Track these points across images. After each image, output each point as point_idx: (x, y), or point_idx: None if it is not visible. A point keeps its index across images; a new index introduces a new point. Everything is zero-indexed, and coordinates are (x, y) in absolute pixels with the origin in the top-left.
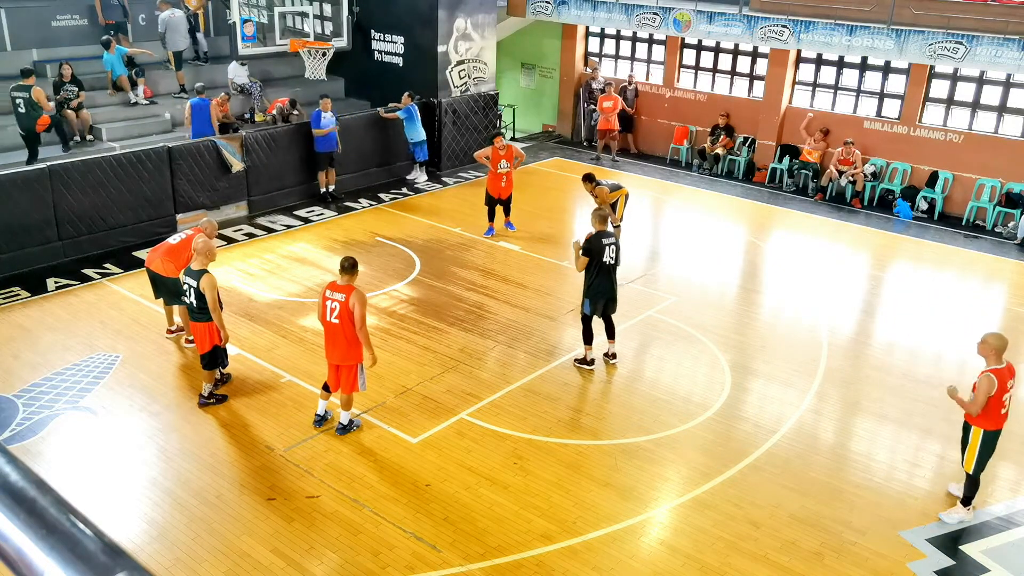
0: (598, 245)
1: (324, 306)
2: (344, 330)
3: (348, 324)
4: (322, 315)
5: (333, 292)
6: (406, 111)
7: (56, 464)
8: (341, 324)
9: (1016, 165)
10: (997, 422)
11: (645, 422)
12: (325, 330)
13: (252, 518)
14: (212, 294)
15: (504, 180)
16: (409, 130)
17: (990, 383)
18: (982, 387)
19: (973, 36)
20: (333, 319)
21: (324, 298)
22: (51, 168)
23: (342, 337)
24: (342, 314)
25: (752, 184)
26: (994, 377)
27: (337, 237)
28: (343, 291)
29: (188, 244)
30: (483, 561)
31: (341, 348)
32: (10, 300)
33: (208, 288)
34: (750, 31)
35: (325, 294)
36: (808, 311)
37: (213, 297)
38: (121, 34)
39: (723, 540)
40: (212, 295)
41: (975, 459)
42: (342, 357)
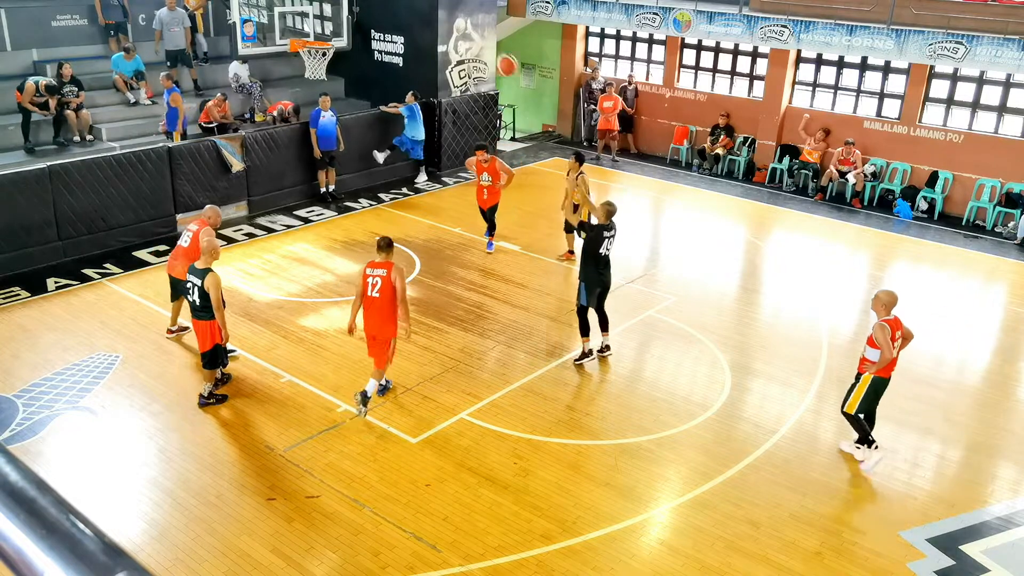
0: (597, 236)
1: (365, 282)
2: (384, 304)
3: (388, 298)
4: (363, 291)
5: (374, 269)
6: (408, 109)
7: (56, 464)
8: (382, 298)
9: (1016, 165)
10: (887, 369)
11: (645, 422)
12: (365, 305)
13: (252, 518)
14: (216, 293)
15: (485, 193)
16: (410, 128)
17: (884, 330)
18: (881, 335)
19: (973, 36)
20: (375, 293)
21: (365, 275)
22: (51, 168)
23: (381, 310)
24: (384, 288)
25: (752, 184)
26: (887, 325)
27: (337, 237)
28: (383, 267)
29: (197, 239)
30: (483, 561)
31: (378, 321)
32: (10, 300)
33: (212, 287)
34: (750, 31)
35: (366, 271)
36: (808, 311)
37: (217, 296)
38: (121, 34)
39: (723, 540)
40: (216, 294)
41: (859, 401)
42: (379, 329)
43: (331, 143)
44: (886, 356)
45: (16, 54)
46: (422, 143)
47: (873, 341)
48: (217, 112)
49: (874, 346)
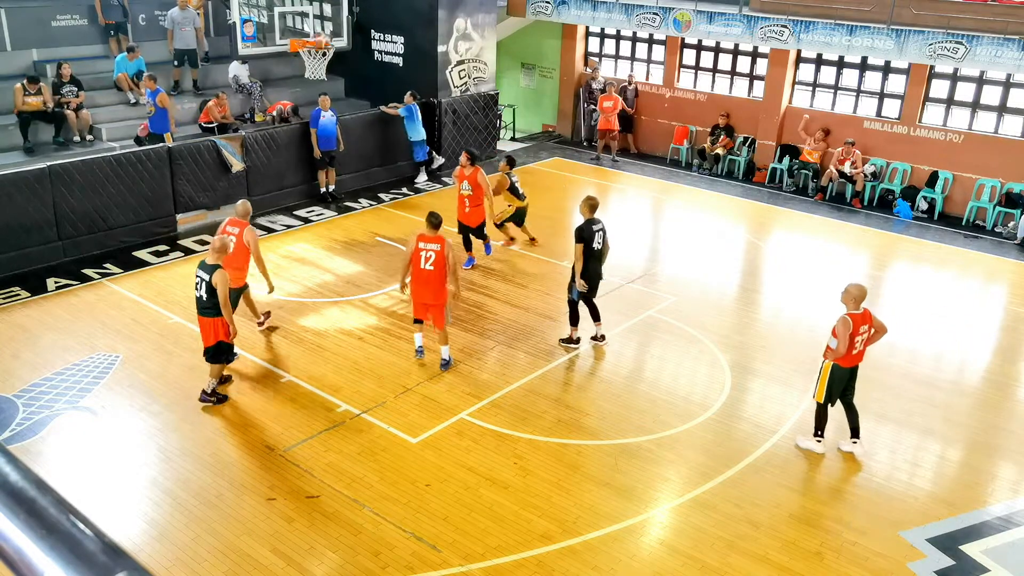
0: (588, 232)
1: (418, 256)
2: (437, 275)
3: (441, 270)
4: (416, 264)
5: (426, 243)
6: (407, 109)
7: (56, 464)
8: (436, 270)
9: (1016, 165)
10: (847, 360)
11: (645, 422)
12: (417, 276)
13: (252, 518)
14: (224, 289)
15: (467, 205)
16: (409, 129)
17: (845, 324)
18: (841, 328)
19: (973, 36)
20: (428, 266)
21: (417, 249)
22: (51, 168)
23: (435, 281)
24: (437, 261)
25: (752, 184)
26: (849, 319)
27: (337, 237)
28: (436, 241)
29: (241, 243)
30: (483, 561)
31: (433, 290)
32: (10, 300)
33: (220, 283)
34: (750, 31)
35: (418, 245)
36: (808, 311)
37: (224, 292)
38: (122, 34)
39: (723, 540)
40: (224, 290)
41: (824, 390)
42: (433, 297)
43: (331, 143)
44: (840, 349)
45: (16, 54)
46: (422, 143)
47: (834, 331)
48: (217, 112)
49: (834, 335)
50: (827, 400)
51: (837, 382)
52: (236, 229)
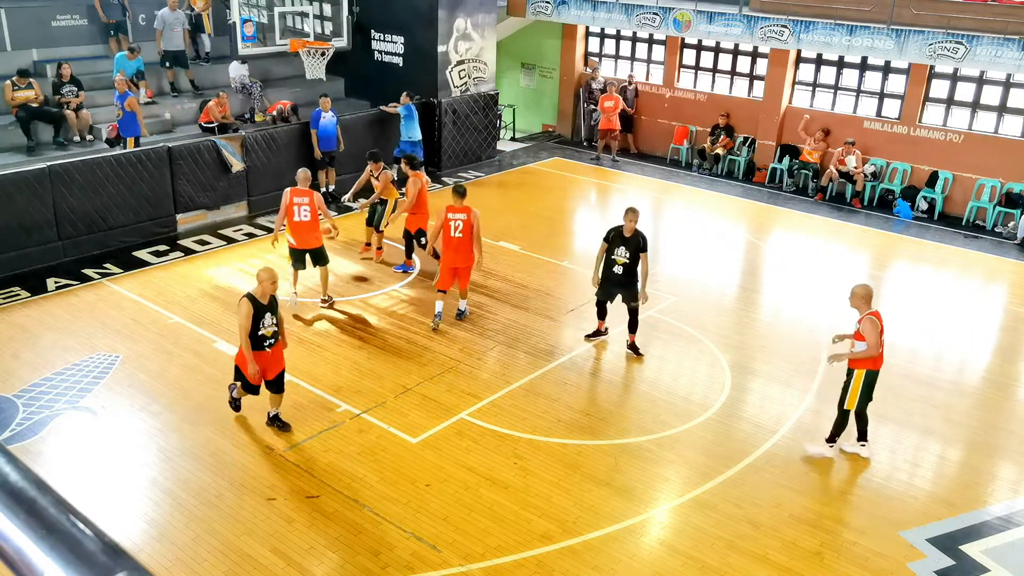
0: (610, 234)
1: (448, 225)
2: (465, 242)
3: (468, 236)
4: (446, 232)
5: (455, 213)
6: (406, 108)
7: (56, 464)
8: (464, 237)
9: (1016, 165)
10: (878, 362)
11: (645, 422)
12: (448, 244)
13: (252, 518)
14: (239, 319)
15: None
16: (407, 128)
17: (874, 324)
18: (870, 329)
19: (973, 36)
20: (457, 234)
21: (446, 219)
22: (51, 168)
23: (463, 247)
24: (464, 229)
25: (752, 184)
26: (876, 319)
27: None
28: (463, 211)
29: (315, 212)
30: (483, 561)
31: (463, 255)
32: (10, 300)
33: (237, 312)
34: (750, 31)
35: (447, 216)
36: (808, 311)
37: (239, 321)
38: (121, 34)
39: (723, 540)
40: (239, 320)
41: (858, 397)
42: (463, 261)
43: (331, 144)
44: (873, 351)
45: (16, 54)
46: (418, 144)
47: (862, 335)
48: (218, 112)
49: (861, 339)
50: (859, 408)
51: (871, 388)
52: (306, 198)
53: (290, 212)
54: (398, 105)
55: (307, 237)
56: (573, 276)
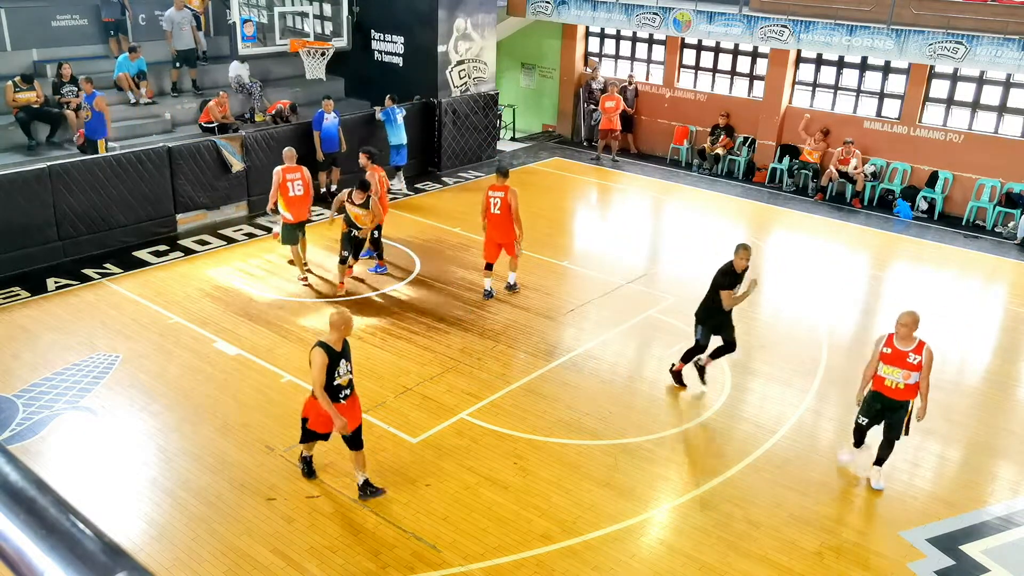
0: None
1: (488, 203)
2: (504, 218)
3: (507, 213)
4: (486, 209)
5: (494, 192)
6: (384, 113)
7: (56, 464)
8: (502, 214)
9: (1016, 165)
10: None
11: (645, 422)
12: (489, 221)
13: (252, 518)
14: (312, 370)
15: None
16: (389, 133)
17: (931, 355)
18: (929, 360)
19: (973, 36)
20: (496, 210)
21: (487, 197)
22: (51, 168)
23: (503, 223)
24: (503, 206)
25: (752, 184)
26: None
27: (337, 237)
28: (501, 190)
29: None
30: (483, 561)
31: (502, 231)
32: (10, 300)
33: (310, 360)
34: (750, 31)
35: (488, 194)
36: (808, 311)
37: (313, 371)
38: (121, 34)
39: (723, 540)
40: (313, 370)
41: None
42: (503, 237)
43: (334, 145)
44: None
45: (16, 54)
46: (400, 147)
47: (923, 366)
48: (218, 112)
49: (917, 369)
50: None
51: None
52: (298, 173)
53: (285, 188)
54: (379, 109)
55: (302, 210)
56: (573, 276)
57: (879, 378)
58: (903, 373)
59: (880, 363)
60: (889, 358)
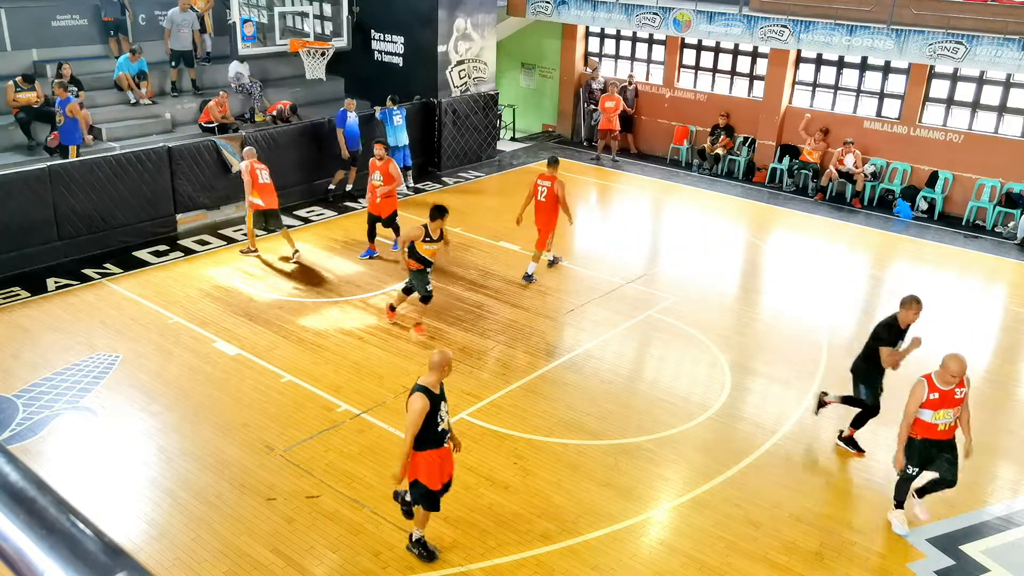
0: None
1: (536, 189)
2: (549, 206)
3: (552, 202)
4: (531, 196)
5: (543, 180)
6: (381, 114)
7: (56, 464)
8: (547, 202)
9: (1016, 165)
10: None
11: (645, 422)
12: (536, 207)
13: (252, 518)
14: (408, 415)
15: (376, 195)
16: (388, 134)
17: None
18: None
19: (973, 36)
20: (541, 198)
21: (536, 185)
22: (51, 168)
23: (547, 211)
24: (548, 195)
25: (752, 184)
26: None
27: (337, 237)
28: (549, 179)
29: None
30: (483, 561)
31: (544, 218)
32: (10, 300)
33: (408, 408)
34: (750, 31)
35: (536, 182)
36: (808, 311)
37: (407, 420)
38: (121, 34)
39: (723, 540)
40: (408, 416)
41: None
42: (543, 224)
43: (356, 143)
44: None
45: (16, 54)
46: (398, 149)
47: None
48: (218, 112)
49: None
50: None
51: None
52: (264, 165)
53: (255, 176)
54: (377, 110)
55: (272, 198)
56: (573, 276)
57: (930, 426)
58: (954, 411)
59: (928, 411)
60: (938, 403)
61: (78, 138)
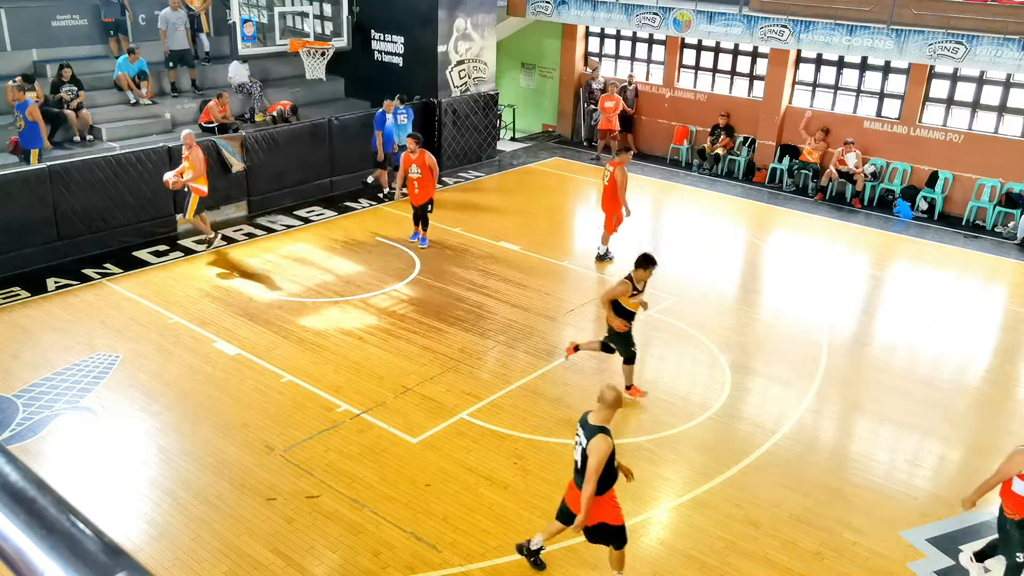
0: None
1: (604, 174)
2: (608, 190)
3: (612, 187)
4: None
5: (609, 165)
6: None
7: (56, 464)
8: (609, 185)
9: (1016, 165)
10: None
11: (645, 422)
12: (603, 191)
13: (252, 518)
14: (597, 459)
15: (416, 187)
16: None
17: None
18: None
19: (973, 36)
20: (605, 182)
21: (604, 170)
22: (51, 168)
23: (607, 195)
24: (609, 180)
25: (752, 184)
26: None
27: (337, 237)
28: (613, 165)
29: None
30: (483, 561)
31: (605, 202)
32: (10, 300)
33: (595, 451)
34: (750, 31)
35: (605, 166)
36: (808, 311)
37: (596, 463)
38: (121, 34)
39: (723, 540)
40: (597, 460)
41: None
42: (606, 208)
43: (392, 144)
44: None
45: (16, 54)
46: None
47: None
48: (218, 112)
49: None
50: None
51: None
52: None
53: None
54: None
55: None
56: (573, 276)
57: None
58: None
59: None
60: None
61: (39, 142)
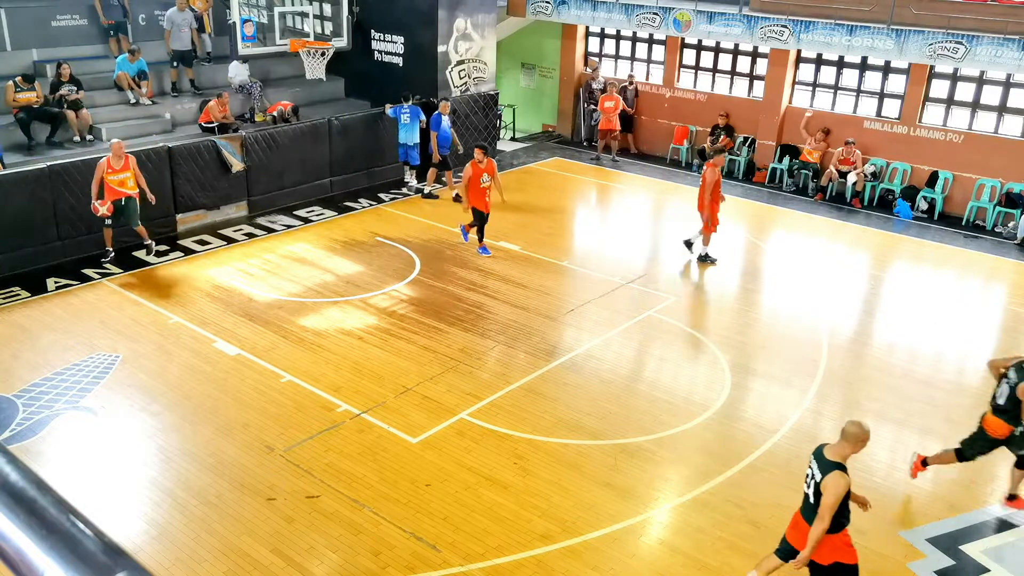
0: None
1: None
2: (701, 190)
3: (703, 188)
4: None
5: (707, 167)
6: (394, 112)
7: (56, 464)
8: (703, 186)
9: (1016, 165)
10: None
11: (645, 422)
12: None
13: (252, 518)
14: (831, 497)
15: (488, 195)
16: (400, 132)
17: None
18: None
19: (973, 36)
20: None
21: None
22: (51, 168)
23: (700, 196)
24: (702, 180)
25: (752, 184)
26: None
27: (337, 237)
28: (708, 166)
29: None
30: (483, 561)
31: (701, 202)
32: (10, 300)
33: (831, 488)
34: (750, 31)
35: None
36: (808, 311)
37: (830, 501)
38: (122, 35)
39: (723, 540)
40: (831, 498)
41: None
42: (701, 208)
43: (448, 147)
44: None
45: (16, 54)
46: (410, 147)
47: None
48: (218, 112)
49: None
50: None
51: None
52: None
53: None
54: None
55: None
56: (573, 276)
57: None
58: None
59: None
60: None
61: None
